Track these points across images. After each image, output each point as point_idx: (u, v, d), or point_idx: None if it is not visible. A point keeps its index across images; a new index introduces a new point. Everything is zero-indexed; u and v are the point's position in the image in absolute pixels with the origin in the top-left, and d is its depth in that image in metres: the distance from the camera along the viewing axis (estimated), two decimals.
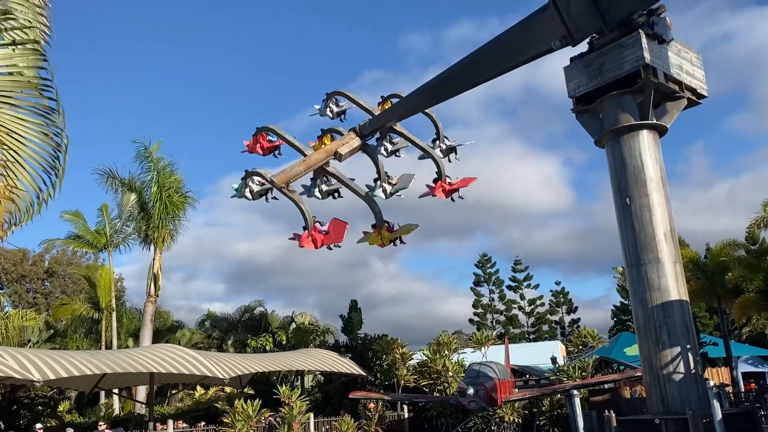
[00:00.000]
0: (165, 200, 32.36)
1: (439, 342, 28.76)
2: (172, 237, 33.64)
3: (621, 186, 17.03)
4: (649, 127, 16.67)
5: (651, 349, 16.05)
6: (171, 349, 24.04)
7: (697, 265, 36.84)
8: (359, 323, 40.15)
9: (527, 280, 72.43)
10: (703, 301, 42.53)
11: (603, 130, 17.34)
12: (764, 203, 32.02)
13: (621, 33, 16.42)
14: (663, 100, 17.02)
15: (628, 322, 53.84)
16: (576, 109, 17.65)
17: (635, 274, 16.52)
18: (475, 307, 71.16)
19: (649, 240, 16.26)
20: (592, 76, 17.00)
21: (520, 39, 16.05)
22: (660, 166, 16.95)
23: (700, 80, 17.64)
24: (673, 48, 16.92)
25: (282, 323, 42.67)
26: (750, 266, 34.04)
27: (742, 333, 56.57)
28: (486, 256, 73.27)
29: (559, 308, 72.68)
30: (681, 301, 16.16)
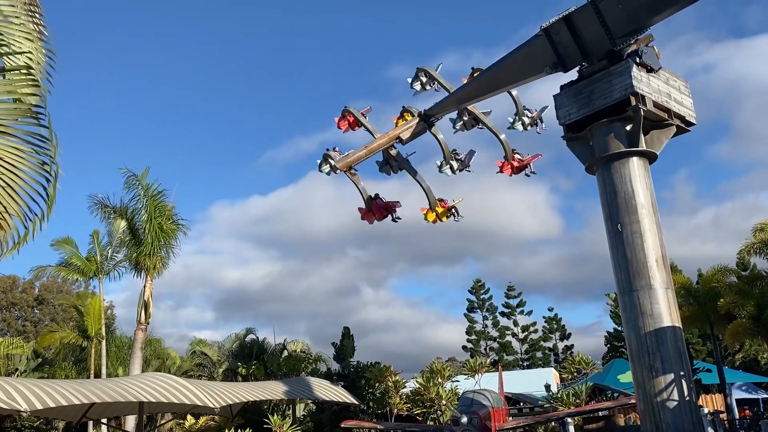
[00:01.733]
0: (156, 227, 32.24)
1: (433, 369, 28.56)
2: (163, 264, 33.45)
3: (612, 212, 17.08)
4: (639, 154, 16.79)
5: (644, 376, 15.97)
6: (161, 377, 23.75)
7: (689, 291, 36.94)
8: (352, 351, 39.83)
9: (520, 306, 72.34)
10: (695, 327, 42.55)
11: (593, 157, 17.45)
12: (755, 229, 32.27)
13: (610, 62, 16.64)
14: (652, 127, 17.17)
15: (622, 349, 53.73)
16: (566, 136, 17.78)
17: (627, 301, 16.51)
18: (468, 334, 70.85)
19: (641, 266, 16.27)
20: (582, 104, 17.16)
21: (518, 63, 16.86)
22: (650, 193, 17.04)
23: (689, 108, 17.84)
24: (662, 76, 17.13)
25: (273, 351, 42.30)
26: (742, 292, 34.13)
27: (735, 359, 56.49)
28: (479, 282, 73.27)
29: (553, 335, 72.48)
30: (674, 327, 16.13)
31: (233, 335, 45.63)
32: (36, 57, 6.05)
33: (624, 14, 15.86)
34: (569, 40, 15.72)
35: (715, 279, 35.56)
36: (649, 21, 15.97)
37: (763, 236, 32.28)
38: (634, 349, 16.19)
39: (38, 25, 6.09)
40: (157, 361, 44.28)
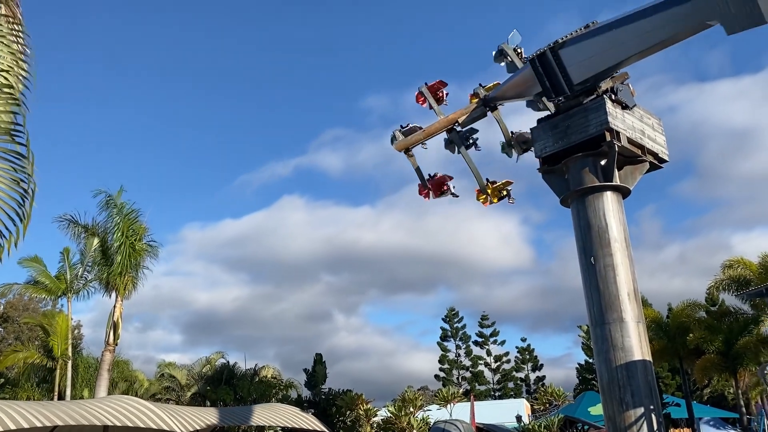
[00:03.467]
0: (129, 247, 31.83)
1: (405, 398, 28.41)
2: (134, 284, 32.97)
3: (586, 245, 17.27)
4: (613, 189, 17.07)
5: (615, 409, 16.04)
6: (127, 400, 23.24)
7: (659, 325, 37.38)
8: (323, 377, 39.44)
9: (494, 336, 72.42)
10: (665, 361, 43.00)
11: (568, 190, 17.70)
12: (723, 266, 32.89)
13: (586, 97, 17.00)
14: (626, 163, 17.51)
15: (593, 381, 53.95)
16: (542, 169, 18.04)
17: (599, 334, 16.64)
18: (441, 363, 70.56)
19: (613, 300, 16.44)
20: (557, 137, 17.45)
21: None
22: (624, 227, 17.30)
23: (662, 145, 18.26)
24: (636, 113, 17.55)
25: (244, 376, 41.68)
26: (710, 328, 34.64)
27: (703, 394, 57.03)
28: (453, 311, 73.27)
29: (525, 365, 72.56)
30: (644, 361, 16.27)
31: (203, 359, 44.95)
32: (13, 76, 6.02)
33: (582, 64, 16.33)
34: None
35: (685, 314, 36.08)
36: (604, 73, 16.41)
37: (732, 273, 32.92)
38: (605, 382, 16.28)
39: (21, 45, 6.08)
40: (125, 383, 43.33)
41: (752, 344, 33.88)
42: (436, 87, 23.05)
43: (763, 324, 34.03)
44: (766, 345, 33.14)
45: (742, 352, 34.27)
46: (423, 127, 20.38)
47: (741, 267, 33.18)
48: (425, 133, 20.81)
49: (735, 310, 35.73)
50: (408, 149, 20.90)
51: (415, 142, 21.13)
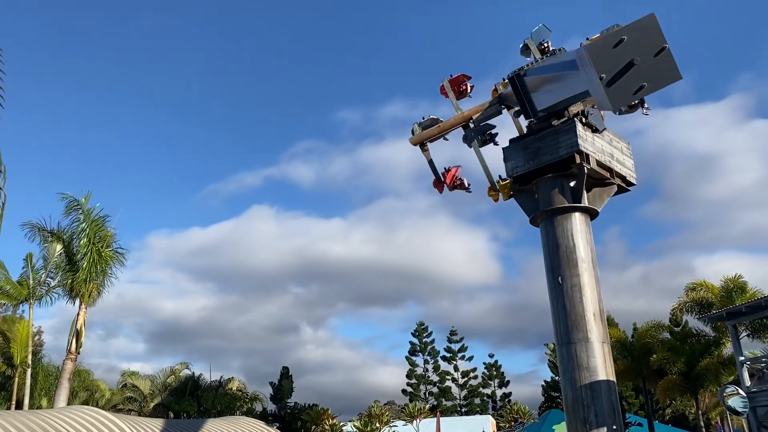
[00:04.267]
0: (95, 253, 31.26)
1: (371, 413, 28.28)
2: (99, 292, 32.35)
3: (554, 265, 17.46)
4: (581, 210, 17.33)
5: (579, 428, 16.18)
6: (87, 411, 22.71)
7: (624, 345, 37.85)
8: (290, 391, 39.06)
9: (462, 351, 72.59)
10: (629, 380, 43.51)
11: (538, 209, 17.93)
12: (687, 288, 33.54)
13: (558, 119, 17.28)
14: (595, 185, 17.80)
15: (558, 399, 54.35)
16: (514, 188, 18.26)
17: (565, 353, 16.81)
18: (409, 377, 70.43)
19: (579, 319, 16.63)
20: (529, 158, 17.68)
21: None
22: (591, 248, 17.55)
23: (630, 169, 18.63)
24: (606, 137, 17.89)
25: (209, 388, 41.07)
26: (673, 349, 35.21)
27: (665, 414, 57.82)
28: (423, 325, 73.32)
29: (492, 381, 72.78)
30: (608, 381, 16.47)
31: (167, 369, 44.16)
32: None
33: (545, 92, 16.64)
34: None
35: (649, 335, 36.62)
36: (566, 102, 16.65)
37: (695, 295, 33.58)
38: (570, 400, 16.44)
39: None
40: (85, 393, 42.37)
41: (713, 366, 34.52)
42: (459, 80, 22.54)
43: (723, 347, 34.71)
44: (726, 367, 33.79)
45: (703, 373, 34.89)
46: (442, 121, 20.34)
47: (704, 290, 33.87)
48: (440, 128, 20.52)
49: (697, 332, 36.40)
50: (423, 143, 20.71)
51: (430, 137, 20.81)
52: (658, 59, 7.96)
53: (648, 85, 8.47)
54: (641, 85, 8.27)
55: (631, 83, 8.20)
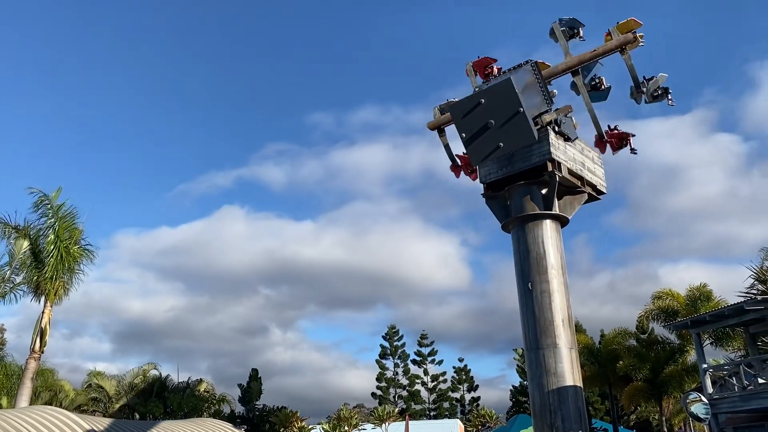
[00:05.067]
0: (62, 250, 30.67)
1: (340, 417, 28.24)
2: (66, 290, 31.74)
3: (524, 271, 17.65)
4: (552, 217, 17.55)
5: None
6: (50, 411, 22.30)
7: (591, 352, 38.37)
8: (258, 393, 38.75)
9: (432, 355, 72.81)
10: (596, 386, 44.11)
11: (509, 216, 18.11)
12: (654, 296, 34.15)
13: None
14: (566, 193, 18.06)
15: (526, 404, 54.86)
16: (486, 194, 18.43)
17: (533, 358, 16.99)
18: (378, 381, 70.44)
19: (548, 325, 16.83)
20: (502, 164, 17.86)
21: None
22: (561, 255, 17.77)
23: (600, 178, 18.94)
24: (577, 146, 18.17)
25: (176, 389, 40.57)
26: (639, 356, 35.80)
27: (630, 419, 58.70)
28: (394, 329, 73.35)
29: (461, 386, 73.11)
30: (575, 386, 16.70)
31: (135, 369, 43.49)
32: None
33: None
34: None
35: (616, 341, 37.18)
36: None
37: (661, 303, 34.20)
38: (537, 406, 16.62)
39: None
40: (48, 393, 41.50)
41: (677, 373, 35.19)
42: (484, 62, 22.19)
43: (688, 354, 35.41)
44: (689, 375, 34.47)
45: (667, 380, 35.55)
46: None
47: (669, 298, 34.54)
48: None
49: (663, 339, 37.08)
50: (441, 128, 20.51)
51: (447, 122, 20.57)
52: (513, 122, 8.36)
53: (503, 146, 8.94)
54: (497, 145, 8.70)
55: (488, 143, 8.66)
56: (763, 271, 27.82)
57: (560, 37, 20.98)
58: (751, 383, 19.52)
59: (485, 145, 8.30)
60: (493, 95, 7.98)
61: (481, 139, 8.26)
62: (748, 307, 19.01)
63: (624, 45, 20.71)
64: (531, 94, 16.10)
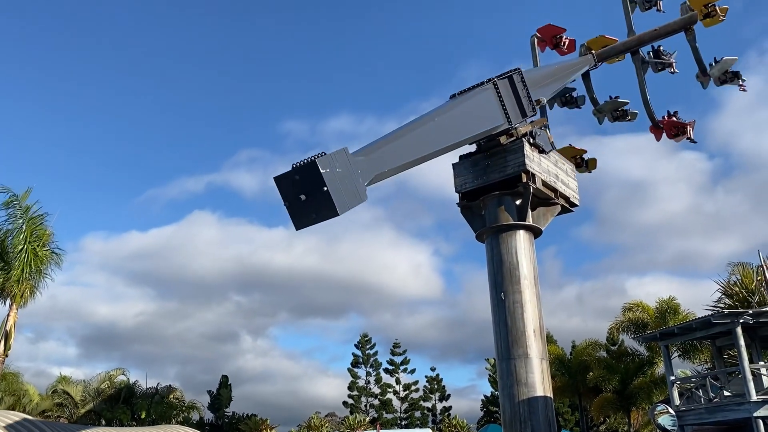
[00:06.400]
0: (30, 252, 30.05)
1: (310, 425, 28.04)
2: (33, 293, 31.08)
3: (497, 281, 17.73)
4: (526, 228, 17.69)
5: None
6: (13, 416, 21.81)
7: (562, 362, 38.66)
8: (228, 400, 38.29)
9: (404, 363, 72.74)
10: (566, 397, 44.43)
11: (484, 226, 18.21)
12: (624, 308, 34.58)
13: (507, 137, 17.65)
14: (540, 204, 18.23)
15: (497, 414, 55.06)
16: (461, 204, 18.53)
17: (505, 368, 17.06)
18: (350, 389, 70.09)
19: (519, 335, 16.92)
20: (477, 174, 17.98)
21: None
22: (534, 266, 17.91)
23: (574, 190, 19.17)
24: (552, 158, 18.38)
25: (144, 395, 39.91)
26: (609, 367, 36.18)
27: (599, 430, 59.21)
28: (366, 337, 73.11)
29: (433, 395, 73.13)
30: (546, 397, 16.79)
31: (102, 374, 42.70)
32: None
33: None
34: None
35: (587, 352, 37.53)
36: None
37: (631, 315, 34.65)
38: (508, 416, 16.68)
39: None
40: (12, 397, 40.52)
41: (645, 385, 35.63)
42: (549, 31, 21.53)
43: (656, 366, 35.88)
44: (657, 386, 34.92)
45: (636, 392, 35.98)
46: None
47: (639, 310, 35.01)
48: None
49: (632, 351, 37.54)
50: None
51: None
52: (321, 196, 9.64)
53: (315, 217, 10.00)
54: (311, 216, 9.89)
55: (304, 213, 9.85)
56: (730, 286, 28.37)
57: (626, 12, 20.35)
58: (717, 396, 19.83)
59: (302, 214, 9.84)
60: (303, 173, 9.56)
61: (298, 209, 9.78)
62: (715, 320, 19.33)
63: (689, 24, 19.70)
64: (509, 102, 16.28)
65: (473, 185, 17.97)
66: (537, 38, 21.82)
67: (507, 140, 17.45)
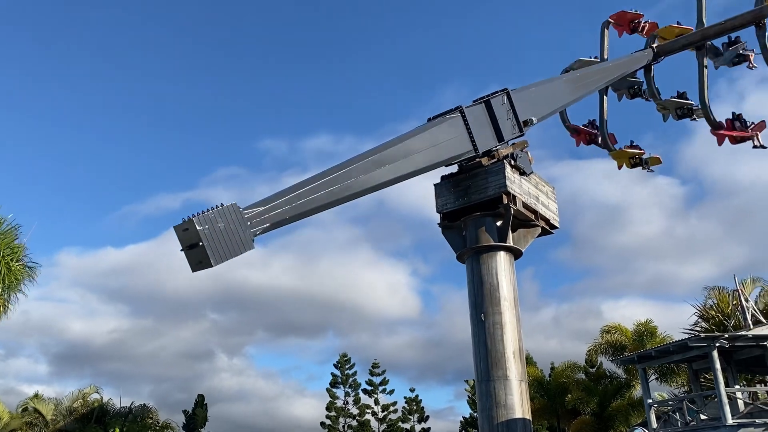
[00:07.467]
0: (4, 267, 29.47)
1: None
2: (5, 308, 30.43)
3: (477, 301, 17.74)
4: (506, 249, 17.75)
5: None
6: None
7: (541, 384, 38.62)
8: (203, 420, 37.72)
9: (383, 384, 72.21)
10: (544, 419, 44.33)
11: (465, 246, 18.24)
12: (602, 330, 34.75)
13: (489, 159, 17.76)
14: (520, 225, 18.33)
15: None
16: (442, 224, 18.57)
17: (484, 390, 17.00)
18: (328, 410, 69.32)
19: (499, 357, 16.91)
20: (458, 195, 18.06)
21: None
22: (513, 287, 17.96)
23: (554, 212, 19.32)
24: (532, 180, 18.52)
25: (117, 414, 39.11)
26: (587, 389, 36.20)
27: None
28: (346, 357, 72.53)
29: (411, 416, 72.58)
30: (524, 419, 16.75)
31: (74, 392, 41.78)
32: None
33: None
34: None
35: (565, 374, 37.53)
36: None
37: (609, 338, 34.81)
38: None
39: None
40: None
41: (623, 408, 35.69)
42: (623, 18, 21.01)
43: (634, 389, 36.00)
44: (635, 409, 34.99)
45: (614, 414, 36.00)
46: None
47: (618, 333, 35.19)
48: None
49: (610, 374, 37.65)
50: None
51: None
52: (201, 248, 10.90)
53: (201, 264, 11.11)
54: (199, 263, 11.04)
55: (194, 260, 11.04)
56: (707, 309, 28.66)
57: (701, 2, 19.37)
58: (694, 419, 19.92)
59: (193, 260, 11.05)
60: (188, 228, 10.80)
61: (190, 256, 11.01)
62: (692, 344, 19.49)
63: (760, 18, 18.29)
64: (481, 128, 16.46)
65: (454, 206, 18.03)
66: (612, 23, 21.33)
67: (488, 162, 17.57)
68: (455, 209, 18.08)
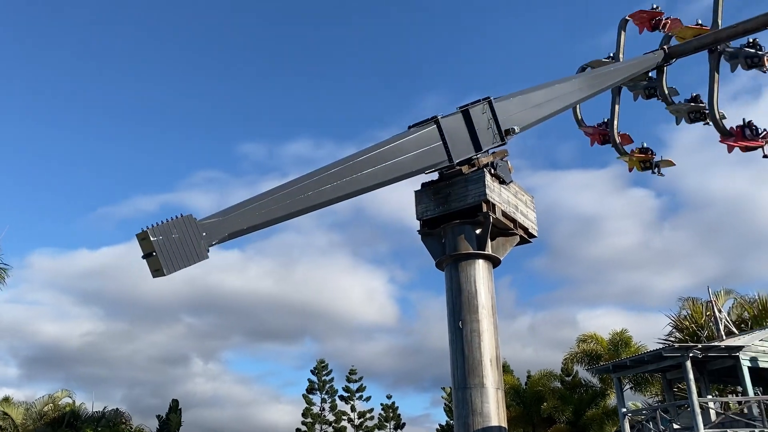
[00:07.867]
0: None
1: None
2: None
3: (455, 309, 17.78)
4: (485, 257, 17.84)
5: None
6: None
7: (517, 392, 38.77)
8: (177, 425, 37.28)
9: (360, 391, 71.98)
10: (520, 427, 44.50)
11: (444, 254, 18.29)
12: (578, 340, 35.02)
13: (469, 167, 17.87)
14: (499, 234, 18.44)
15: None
16: (422, 231, 18.62)
17: (461, 397, 17.03)
18: (304, 416, 68.87)
19: (476, 365, 16.95)
20: (438, 202, 18.13)
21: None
22: (491, 295, 18.03)
23: (532, 221, 19.46)
24: (512, 189, 18.65)
25: (90, 418, 38.52)
26: (563, 398, 36.42)
27: None
28: (323, 363, 72.17)
29: (388, 423, 72.44)
30: (500, 427, 16.80)
31: (45, 396, 41.08)
32: None
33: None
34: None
35: (541, 383, 37.72)
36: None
37: (585, 347, 35.07)
38: None
39: None
40: None
41: (598, 417, 35.96)
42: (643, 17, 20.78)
43: (609, 398, 36.30)
44: (609, 418, 35.28)
45: (589, 423, 36.25)
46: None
47: (594, 342, 35.49)
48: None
49: (586, 383, 37.92)
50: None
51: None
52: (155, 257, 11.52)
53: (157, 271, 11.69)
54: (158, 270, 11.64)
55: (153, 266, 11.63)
56: (681, 320, 29.03)
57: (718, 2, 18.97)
58: (667, 428, 20.12)
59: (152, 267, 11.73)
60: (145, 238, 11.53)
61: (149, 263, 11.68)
62: (666, 353, 19.69)
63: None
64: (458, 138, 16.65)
65: (434, 213, 18.09)
66: (633, 21, 21.25)
67: (468, 170, 17.68)
68: (435, 216, 18.14)
